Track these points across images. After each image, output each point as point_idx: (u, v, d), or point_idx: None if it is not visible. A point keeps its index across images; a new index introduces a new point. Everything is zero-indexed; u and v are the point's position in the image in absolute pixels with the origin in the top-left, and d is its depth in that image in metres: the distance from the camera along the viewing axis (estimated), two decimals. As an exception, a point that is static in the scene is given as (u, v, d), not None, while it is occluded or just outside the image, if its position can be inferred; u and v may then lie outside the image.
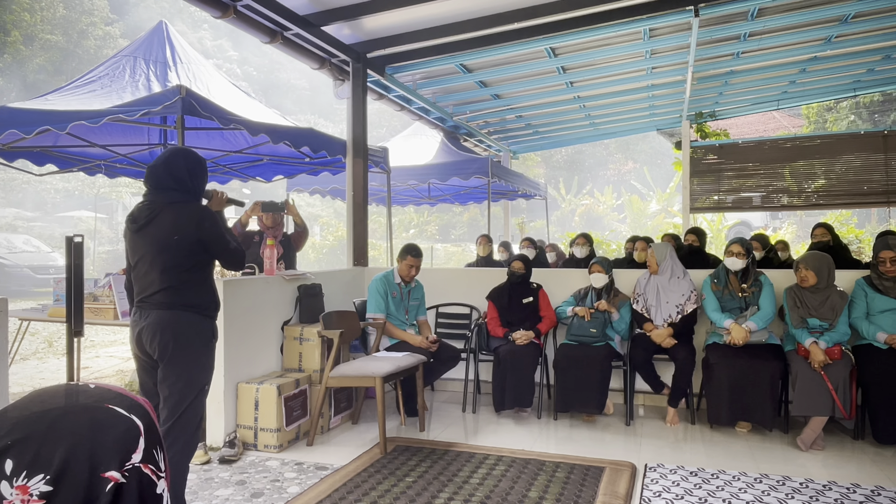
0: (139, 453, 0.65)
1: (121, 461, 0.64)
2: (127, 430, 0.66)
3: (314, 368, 4.32)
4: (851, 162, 7.30)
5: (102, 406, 0.66)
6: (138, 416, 0.68)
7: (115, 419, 0.66)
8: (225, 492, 3.22)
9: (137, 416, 0.68)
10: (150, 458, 0.66)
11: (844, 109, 17.33)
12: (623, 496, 3.11)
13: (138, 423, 0.67)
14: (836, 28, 6.19)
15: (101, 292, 4.54)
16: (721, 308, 4.33)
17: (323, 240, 21.77)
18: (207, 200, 2.94)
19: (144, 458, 0.66)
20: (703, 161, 7.78)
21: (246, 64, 35.65)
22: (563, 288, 5.03)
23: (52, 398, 0.66)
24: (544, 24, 5.61)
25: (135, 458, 0.65)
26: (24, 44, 25.13)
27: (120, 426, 0.66)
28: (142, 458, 0.65)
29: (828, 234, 5.27)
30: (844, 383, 3.76)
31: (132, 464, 0.64)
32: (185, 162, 2.75)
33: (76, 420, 0.64)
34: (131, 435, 0.66)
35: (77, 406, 0.65)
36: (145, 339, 2.70)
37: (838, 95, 10.51)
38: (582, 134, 11.00)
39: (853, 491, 3.18)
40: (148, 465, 0.66)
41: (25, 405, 0.65)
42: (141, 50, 5.37)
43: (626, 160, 31.88)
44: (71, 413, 0.64)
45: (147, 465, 0.66)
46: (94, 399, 0.67)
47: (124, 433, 0.65)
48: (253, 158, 6.63)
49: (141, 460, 0.65)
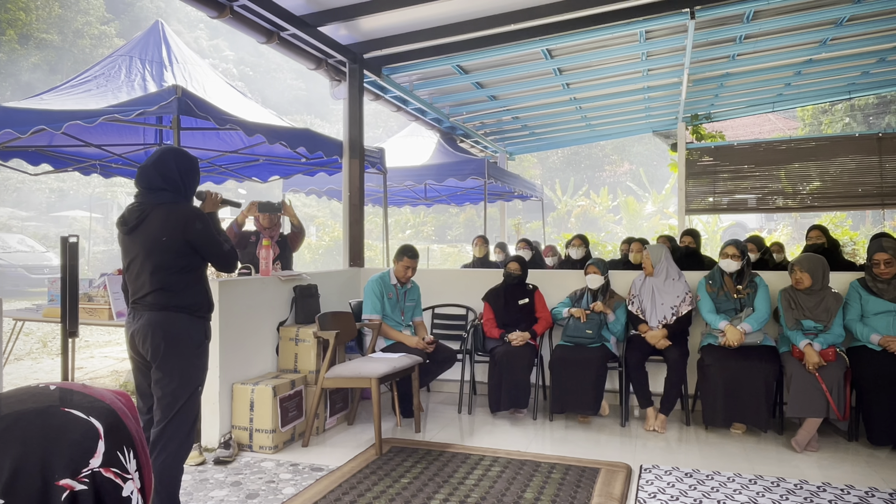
0: (98, 457, 0.63)
1: (76, 468, 0.61)
2: (84, 435, 0.63)
3: (310, 369, 4.31)
4: (846, 164, 7.34)
5: (57, 410, 0.64)
6: (99, 417, 0.65)
7: (70, 423, 0.63)
8: (220, 493, 3.21)
9: (98, 417, 0.65)
10: (112, 462, 0.64)
11: (839, 112, 17.41)
12: (618, 497, 3.11)
13: (97, 425, 0.64)
14: (832, 31, 6.22)
15: (96, 292, 4.53)
16: (716, 309, 4.34)
17: (319, 240, 21.73)
18: (201, 201, 2.92)
19: (105, 462, 0.63)
20: (699, 163, 7.80)
21: (242, 64, 35.59)
22: (559, 289, 5.04)
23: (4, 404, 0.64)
24: (541, 26, 5.62)
25: (93, 463, 0.62)
26: (19, 42, 25.02)
27: (76, 431, 0.63)
28: (102, 462, 0.63)
29: (822, 236, 5.29)
30: (839, 385, 3.78)
31: (90, 469, 0.62)
32: (175, 162, 2.73)
33: (27, 427, 0.61)
34: (88, 439, 0.63)
35: (30, 412, 0.63)
36: (138, 340, 2.69)
37: (833, 98, 10.57)
38: (578, 135, 11.03)
39: (847, 492, 3.19)
40: (110, 468, 0.63)
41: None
42: (137, 49, 5.36)
43: (623, 162, 31.94)
44: (23, 419, 0.62)
45: (109, 468, 0.63)
46: (49, 403, 0.64)
47: (80, 438, 0.62)
48: (249, 159, 6.61)
49: (101, 465, 0.63)
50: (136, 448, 0.68)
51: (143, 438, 0.72)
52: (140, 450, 0.70)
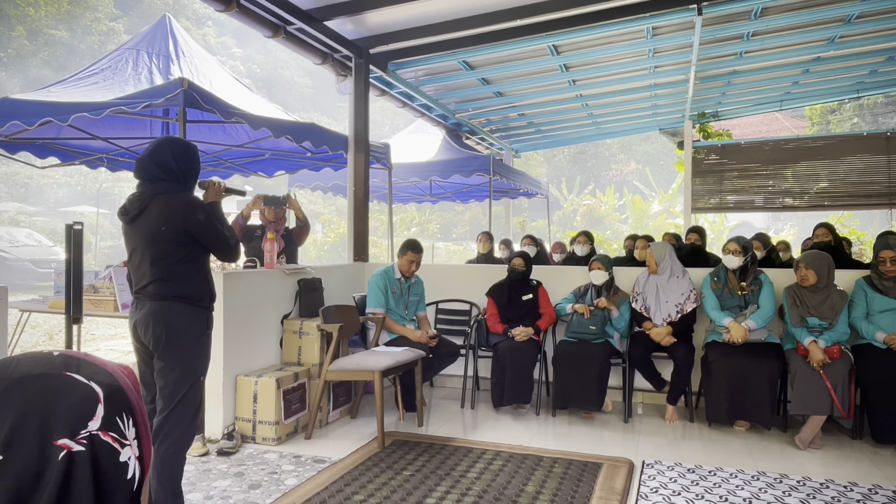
0: (97, 420, 0.63)
1: (75, 429, 0.62)
2: (83, 398, 0.64)
3: (313, 362, 4.32)
4: (854, 164, 7.29)
5: (59, 374, 0.64)
6: (100, 383, 0.66)
7: (71, 387, 0.64)
8: (223, 483, 3.22)
9: (99, 383, 0.65)
10: (111, 426, 0.64)
11: (848, 111, 17.31)
12: (620, 492, 3.11)
13: (97, 390, 0.65)
14: (840, 28, 6.18)
15: (102, 284, 4.55)
16: (720, 306, 4.32)
17: (324, 237, 21.78)
18: (204, 190, 2.92)
19: (104, 426, 0.63)
20: (706, 161, 7.77)
21: (250, 61, 35.67)
22: (563, 285, 5.03)
23: (9, 367, 0.65)
24: (547, 22, 5.61)
25: (91, 426, 0.63)
26: (27, 38, 25.16)
27: (76, 394, 0.63)
28: (100, 425, 0.63)
29: (829, 234, 5.26)
30: (843, 383, 3.76)
31: (88, 431, 0.62)
32: (170, 150, 2.71)
33: (29, 388, 0.62)
34: (88, 402, 0.64)
35: (33, 374, 0.64)
36: (140, 330, 2.70)
37: (841, 97, 10.51)
38: (584, 133, 11.00)
39: (850, 489, 3.18)
40: (108, 432, 0.64)
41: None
42: (144, 43, 5.38)
43: (629, 160, 31.85)
44: (25, 381, 0.63)
45: (107, 432, 0.64)
46: (52, 367, 0.65)
47: (80, 401, 0.63)
48: (255, 153, 6.63)
49: (99, 428, 0.63)
50: (135, 417, 0.68)
51: (144, 411, 0.72)
52: (140, 420, 0.70)
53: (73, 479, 0.60)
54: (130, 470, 0.65)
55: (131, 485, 0.65)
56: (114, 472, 0.63)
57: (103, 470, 0.63)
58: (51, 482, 0.59)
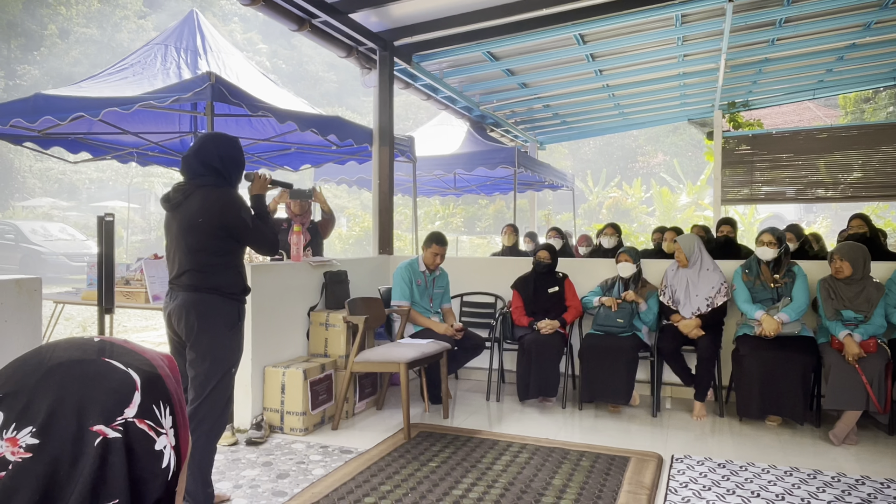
0: (133, 408, 0.63)
1: (111, 415, 0.62)
2: (120, 384, 0.64)
3: (339, 354, 4.35)
4: (890, 154, 7.08)
5: (97, 359, 0.65)
6: (137, 370, 0.66)
7: (108, 372, 0.64)
8: (251, 472, 3.26)
9: (136, 370, 0.66)
10: (147, 414, 0.64)
11: (883, 99, 16.81)
12: (648, 486, 3.07)
13: (134, 377, 0.65)
14: (876, 14, 5.99)
15: (133, 276, 4.63)
16: (752, 299, 4.24)
17: (349, 231, 21.90)
18: (250, 182, 2.95)
19: (140, 414, 0.64)
20: (736, 152, 7.61)
21: (275, 57, 35.90)
22: (590, 278, 4.98)
23: (48, 352, 0.65)
24: (573, 10, 5.53)
25: (128, 413, 0.63)
26: (59, 37, 25.67)
27: (113, 379, 0.64)
28: (136, 412, 0.63)
29: (864, 225, 5.12)
30: (879, 377, 3.66)
31: (124, 418, 0.62)
32: (215, 148, 2.74)
33: (67, 372, 0.62)
34: (125, 389, 0.64)
35: (71, 359, 0.64)
36: (174, 320, 2.74)
37: (877, 85, 10.20)
38: (611, 124, 10.86)
39: (887, 486, 3.10)
40: (144, 420, 0.64)
41: (24, 359, 0.65)
42: (172, 38, 5.44)
43: (656, 152, 31.39)
44: (64, 365, 0.63)
45: (143, 420, 0.64)
46: (90, 352, 0.66)
47: (117, 386, 0.63)
48: (281, 147, 6.68)
49: (135, 415, 0.63)
50: (173, 406, 0.69)
51: (182, 400, 0.72)
52: (178, 409, 0.70)
53: (108, 466, 0.60)
54: (166, 459, 0.65)
55: (166, 473, 0.65)
56: (148, 459, 0.64)
57: (138, 457, 0.63)
58: (86, 468, 0.59)
